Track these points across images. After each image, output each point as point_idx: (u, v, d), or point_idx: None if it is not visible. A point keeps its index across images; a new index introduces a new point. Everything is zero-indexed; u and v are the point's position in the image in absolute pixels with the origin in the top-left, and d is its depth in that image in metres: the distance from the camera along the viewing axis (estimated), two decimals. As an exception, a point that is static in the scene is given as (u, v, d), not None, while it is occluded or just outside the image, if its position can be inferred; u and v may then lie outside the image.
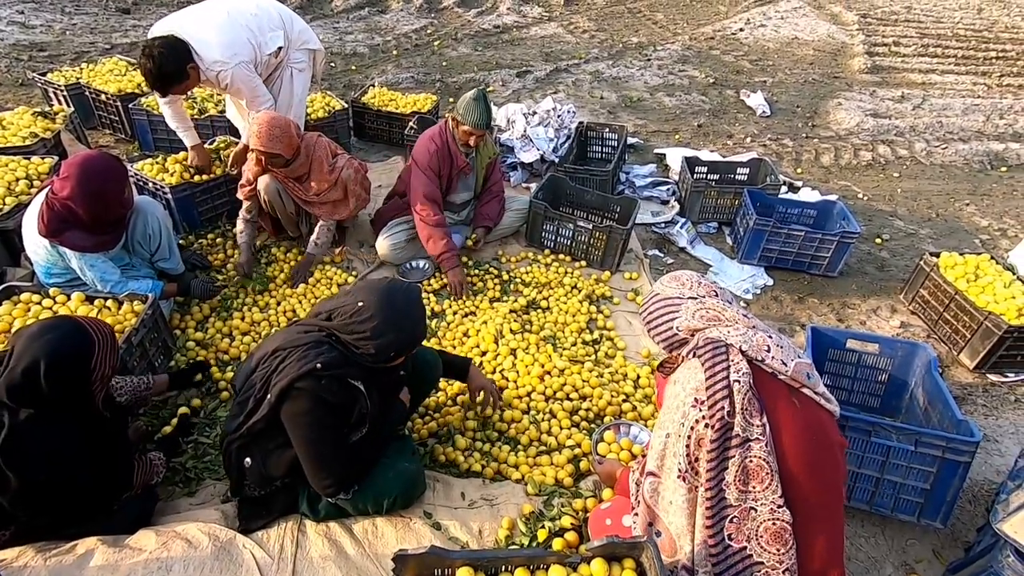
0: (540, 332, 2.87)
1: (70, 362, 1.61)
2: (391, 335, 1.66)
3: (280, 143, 2.82)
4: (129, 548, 1.64)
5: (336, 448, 1.67)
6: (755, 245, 3.62)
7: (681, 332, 1.57)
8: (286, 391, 1.59)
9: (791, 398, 1.44)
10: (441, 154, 3.17)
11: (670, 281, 1.66)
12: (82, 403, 1.68)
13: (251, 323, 2.82)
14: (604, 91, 6.35)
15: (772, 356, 1.45)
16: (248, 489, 1.81)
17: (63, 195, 2.24)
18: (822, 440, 1.43)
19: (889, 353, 2.27)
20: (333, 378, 1.61)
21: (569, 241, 3.49)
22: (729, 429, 1.38)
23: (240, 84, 3.01)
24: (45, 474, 1.59)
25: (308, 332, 1.68)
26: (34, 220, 2.34)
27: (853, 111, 6.28)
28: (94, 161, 2.28)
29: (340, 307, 1.68)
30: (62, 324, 1.66)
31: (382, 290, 1.68)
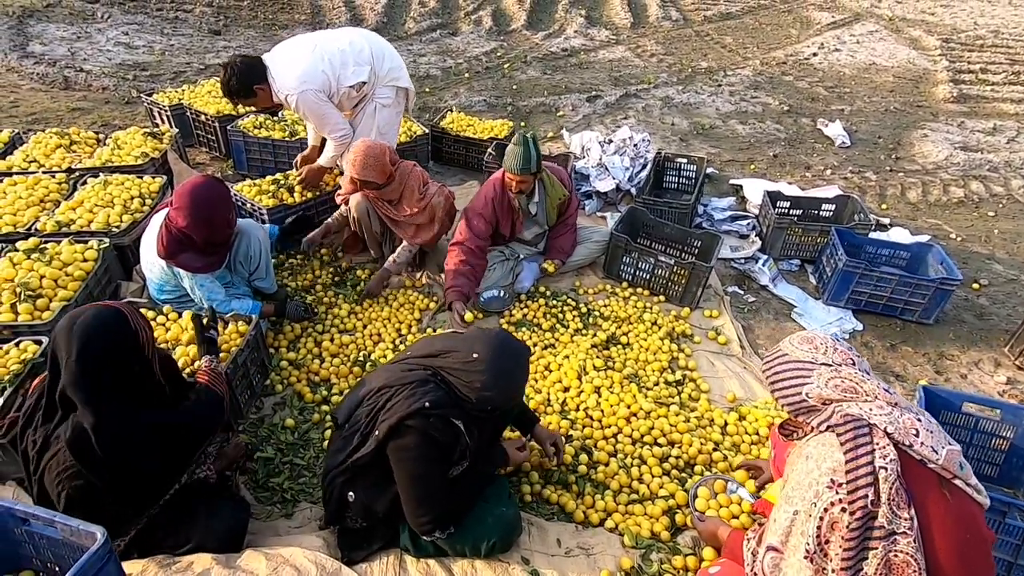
0: (623, 370, 2.83)
1: (116, 335, 1.60)
2: (496, 392, 1.68)
3: (373, 171, 2.95)
4: (241, 570, 1.70)
5: (437, 486, 1.70)
6: (843, 287, 3.48)
7: (811, 399, 1.50)
8: (395, 428, 1.63)
9: (942, 489, 1.35)
10: (498, 202, 3.21)
11: (801, 343, 1.59)
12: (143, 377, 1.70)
13: (340, 345, 2.90)
14: (675, 117, 6.28)
15: (921, 441, 1.36)
16: (350, 521, 1.84)
17: (179, 224, 2.40)
18: (974, 535, 1.33)
19: (1012, 420, 2.12)
20: (439, 417, 1.64)
21: (648, 275, 3.45)
22: (872, 519, 1.30)
23: (306, 109, 3.19)
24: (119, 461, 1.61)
25: (413, 371, 1.72)
26: (153, 241, 2.50)
27: (940, 143, 5.99)
28: (204, 188, 2.42)
29: (452, 351, 1.72)
30: (88, 309, 1.65)
31: (498, 346, 1.71)
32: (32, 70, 5.74)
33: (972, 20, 11.07)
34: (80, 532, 1.40)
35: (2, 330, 2.37)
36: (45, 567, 1.56)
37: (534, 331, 3.13)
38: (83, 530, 1.39)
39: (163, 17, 7.79)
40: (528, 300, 3.34)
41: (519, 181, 3.07)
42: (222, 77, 3.06)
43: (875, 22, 10.68)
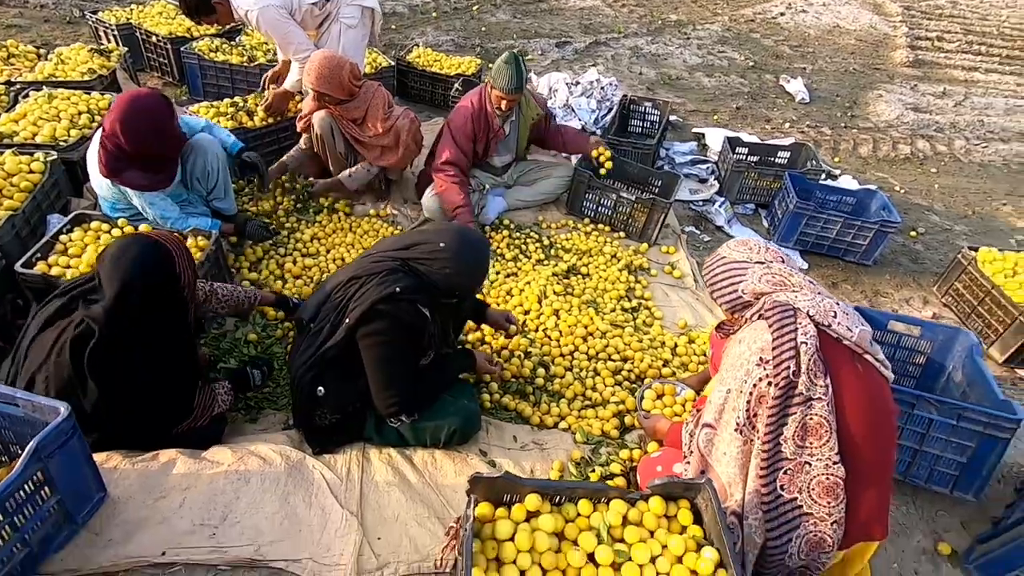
0: (582, 296, 2.94)
1: (157, 273, 1.67)
2: (463, 278, 1.79)
3: (330, 84, 2.90)
4: (207, 460, 1.75)
5: (405, 370, 1.78)
6: (792, 228, 3.65)
7: (746, 295, 1.62)
8: (366, 313, 1.69)
9: (854, 362, 1.50)
10: (477, 118, 3.21)
11: (737, 245, 1.71)
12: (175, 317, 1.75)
13: (303, 268, 2.90)
14: (643, 67, 6.30)
15: (838, 321, 1.51)
16: (319, 418, 1.89)
17: (113, 135, 2.27)
18: (880, 404, 1.50)
19: (930, 336, 2.33)
20: (409, 302, 1.71)
21: (610, 212, 3.54)
22: (793, 388, 1.45)
23: (268, 28, 3.08)
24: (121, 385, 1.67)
25: (381, 262, 1.77)
26: (95, 160, 2.41)
27: (894, 104, 6.21)
28: (140, 100, 2.29)
29: (420, 243, 1.79)
30: (136, 242, 1.70)
31: (463, 237, 1.79)
32: (-40, -18, 5.28)
33: (934, -12, 11.30)
34: (43, 408, 1.41)
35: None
36: (7, 448, 1.57)
37: (497, 260, 3.19)
38: (46, 405, 1.41)
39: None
40: (492, 232, 3.39)
41: (509, 100, 3.07)
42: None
43: (842, -14, 10.80)
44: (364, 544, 1.60)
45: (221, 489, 1.65)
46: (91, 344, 1.62)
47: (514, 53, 3.04)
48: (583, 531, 1.43)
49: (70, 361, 1.63)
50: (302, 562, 1.54)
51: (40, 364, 1.68)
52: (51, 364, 1.66)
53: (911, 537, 1.98)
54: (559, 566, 1.38)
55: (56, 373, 1.65)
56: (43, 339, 1.71)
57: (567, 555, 1.38)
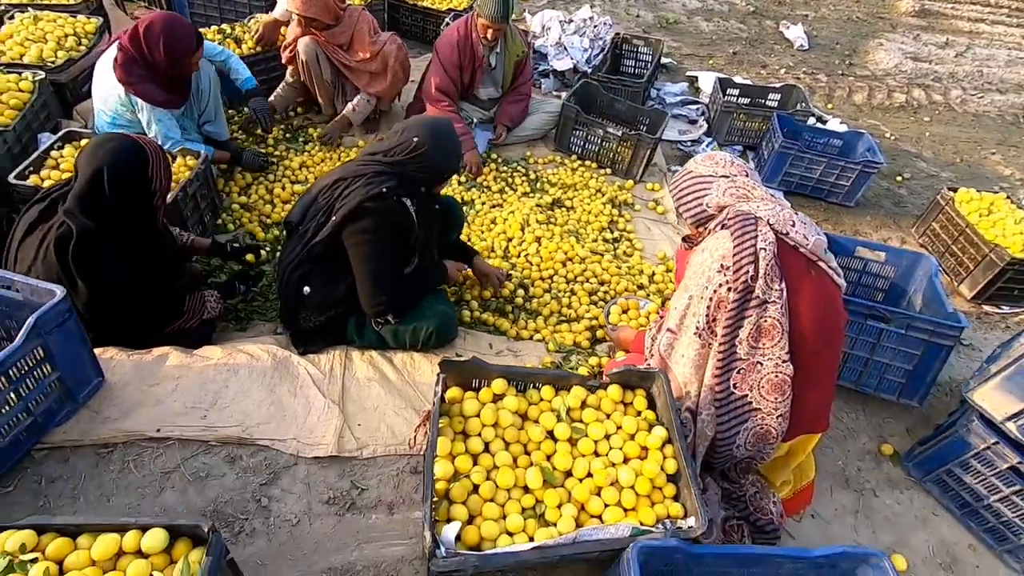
0: (564, 226, 3.01)
1: (129, 168, 1.73)
2: (443, 160, 1.90)
3: (314, 7, 2.89)
4: (198, 355, 1.86)
5: (392, 269, 1.88)
6: (777, 168, 3.69)
7: (710, 208, 1.69)
8: (354, 211, 1.77)
9: (808, 269, 1.59)
10: (463, 47, 3.20)
11: (704, 160, 1.77)
12: (144, 217, 1.82)
13: (291, 194, 2.96)
14: (640, 9, 6.17)
15: (796, 230, 1.59)
16: (304, 321, 2.00)
17: (143, 47, 2.38)
18: (831, 309, 1.59)
19: (894, 262, 2.42)
20: (396, 200, 1.79)
21: (597, 148, 3.57)
22: (750, 292, 1.53)
23: None
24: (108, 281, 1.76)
25: (367, 165, 1.84)
26: (109, 70, 2.45)
27: (894, 52, 6.13)
28: (177, 19, 2.48)
29: (396, 145, 1.87)
30: (116, 137, 1.78)
31: (430, 125, 1.91)
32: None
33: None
34: (40, 290, 1.51)
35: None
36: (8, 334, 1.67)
37: (483, 192, 3.25)
38: (42, 288, 1.50)
39: None
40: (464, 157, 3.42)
41: (495, 29, 3.07)
42: None
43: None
44: (345, 428, 1.72)
45: (211, 378, 1.77)
46: (73, 242, 1.69)
47: None
48: (544, 412, 1.55)
49: (56, 260, 1.71)
50: (287, 442, 1.67)
51: (28, 267, 1.75)
52: (39, 265, 1.73)
53: (858, 440, 2.12)
54: (520, 440, 1.50)
55: (45, 273, 1.72)
56: (28, 243, 1.78)
57: (528, 431, 1.51)
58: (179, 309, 1.98)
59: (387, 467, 1.68)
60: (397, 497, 1.62)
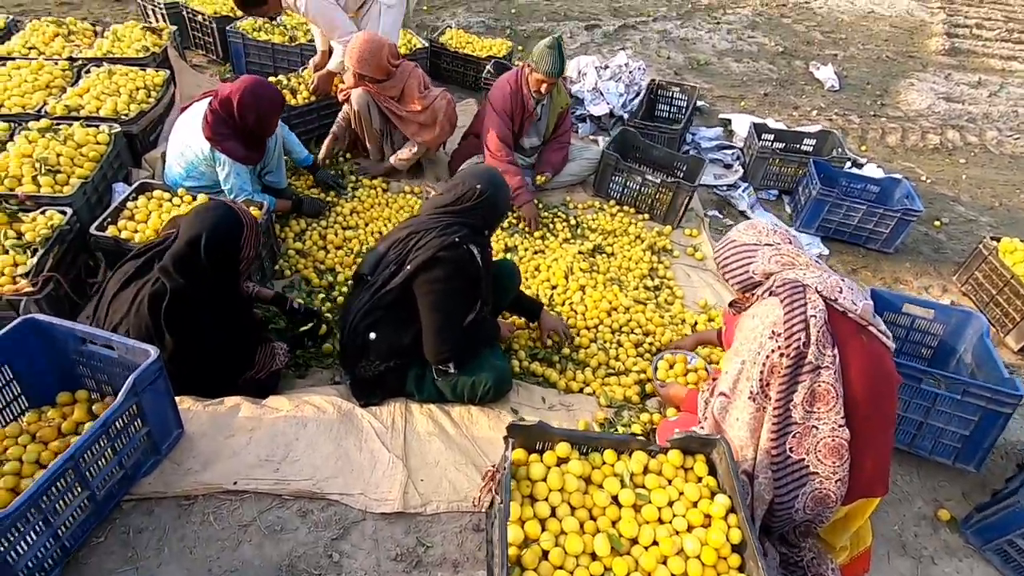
0: (606, 274, 3.08)
1: (225, 236, 1.87)
2: (503, 203, 2.08)
3: (369, 65, 3.07)
4: (268, 407, 1.95)
5: (458, 319, 1.97)
6: (815, 214, 3.73)
7: (756, 275, 1.74)
8: (428, 260, 1.87)
9: (859, 334, 1.63)
10: (514, 99, 3.34)
11: (747, 228, 1.83)
12: (230, 281, 1.95)
13: (343, 239, 3.08)
14: (671, 51, 6.31)
15: (844, 296, 1.63)
16: (363, 369, 2.08)
17: (233, 107, 2.59)
18: (883, 372, 1.62)
19: (943, 320, 2.43)
20: (467, 250, 1.91)
21: (635, 193, 3.65)
22: (803, 358, 1.57)
23: (315, 14, 3.23)
24: (190, 337, 1.88)
25: (436, 218, 1.96)
26: (195, 124, 2.65)
27: (926, 93, 6.16)
28: (266, 86, 2.70)
29: (461, 195, 2.00)
30: (220, 205, 1.93)
31: (485, 172, 2.07)
32: (14, -40, 5.50)
33: (975, -27, 10.97)
34: (135, 350, 1.61)
35: (25, 199, 2.49)
36: (99, 387, 1.78)
37: (525, 238, 3.34)
38: (138, 348, 1.61)
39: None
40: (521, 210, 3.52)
41: (549, 83, 3.21)
42: None
43: (880, -30, 10.55)
44: (409, 484, 1.78)
45: (282, 431, 1.85)
46: (166, 299, 1.83)
47: (556, 38, 3.15)
48: (608, 477, 1.59)
49: (148, 315, 1.83)
50: (355, 496, 1.73)
51: (121, 319, 1.88)
52: (131, 318, 1.86)
53: (913, 504, 2.11)
54: (586, 505, 1.54)
55: (136, 326, 1.85)
56: (122, 296, 1.92)
57: (593, 496, 1.55)
58: (250, 361, 2.08)
59: (450, 524, 1.73)
60: (461, 555, 1.66)
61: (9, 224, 2.34)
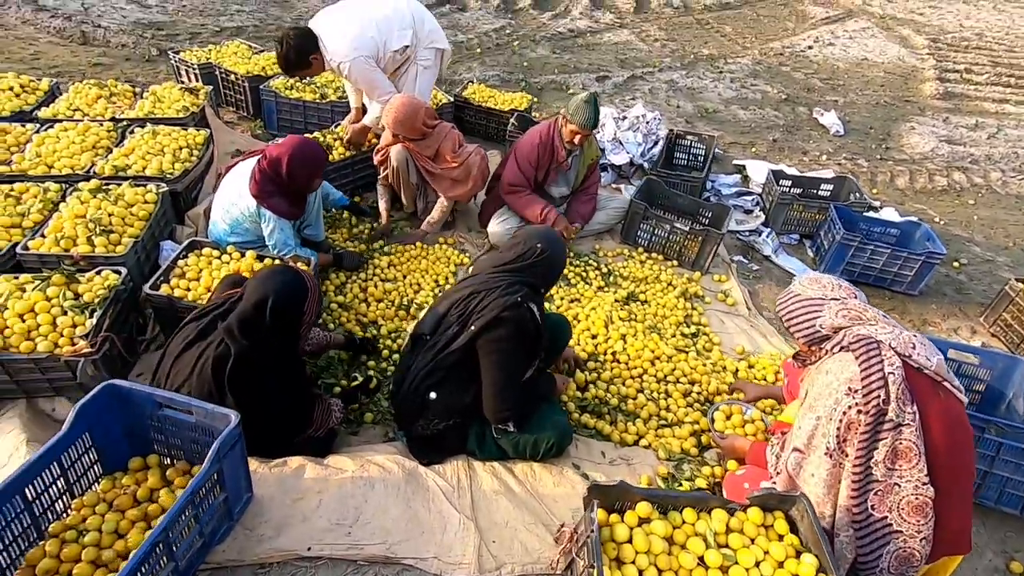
0: (644, 322, 3.11)
1: (290, 300, 1.90)
2: (560, 261, 2.13)
3: (405, 127, 3.18)
4: (333, 467, 1.94)
5: (518, 378, 1.98)
6: (839, 259, 3.79)
7: (824, 329, 1.77)
8: (491, 321, 1.89)
9: (936, 390, 1.64)
10: (543, 147, 3.47)
11: (811, 282, 1.87)
12: (290, 343, 1.97)
13: (383, 292, 3.12)
14: (680, 100, 6.54)
15: (918, 352, 1.66)
16: (422, 428, 2.07)
17: (280, 166, 2.68)
18: (960, 427, 1.63)
19: (989, 365, 2.45)
20: (528, 309, 1.93)
21: (664, 241, 3.72)
22: (883, 415, 1.59)
23: (358, 76, 3.36)
24: (254, 399, 1.88)
25: (497, 277, 2.00)
26: (241, 183, 2.74)
27: (927, 136, 6.36)
28: (313, 146, 2.80)
29: (523, 254, 2.04)
30: (286, 270, 1.96)
31: (544, 232, 2.12)
32: (48, 23, 5.73)
33: (958, 22, 11.50)
34: (214, 415, 1.62)
35: (80, 260, 2.53)
36: (169, 452, 1.77)
37: (560, 286, 3.38)
38: (217, 412, 1.61)
39: (172, -23, 7.73)
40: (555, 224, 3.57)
41: (583, 135, 3.34)
42: (278, 51, 3.19)
43: (867, 19, 11.04)
44: (482, 546, 1.76)
45: (351, 493, 1.83)
46: (231, 361, 1.83)
47: (593, 93, 3.32)
48: (690, 537, 1.58)
49: (212, 377, 1.84)
50: (428, 560, 1.71)
51: (183, 381, 1.88)
52: (193, 380, 1.86)
53: (983, 556, 2.08)
54: (672, 567, 1.53)
55: (198, 388, 1.85)
56: (185, 358, 1.92)
57: (679, 557, 1.53)
58: (309, 419, 2.08)
59: (526, 588, 1.70)
60: (541, 621, 1.63)
61: (66, 285, 2.37)
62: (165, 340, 2.64)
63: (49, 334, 2.21)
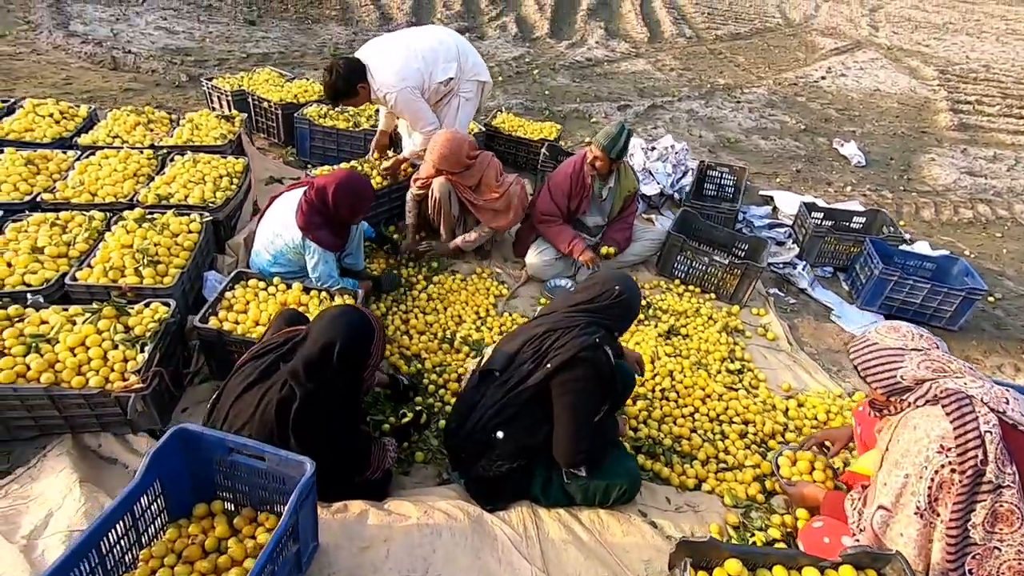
0: (689, 357, 3.06)
1: (359, 343, 1.87)
2: (637, 306, 2.10)
3: (448, 162, 3.19)
4: (396, 514, 1.87)
5: (592, 421, 1.92)
6: (877, 293, 3.76)
7: (906, 380, 1.71)
8: (569, 360, 1.84)
9: (1033, 448, 1.59)
10: (575, 177, 3.49)
11: (889, 331, 1.81)
12: (355, 385, 1.93)
13: (425, 324, 3.08)
14: (701, 130, 6.58)
15: (1012, 408, 1.60)
16: (484, 468, 2.01)
17: (328, 199, 2.69)
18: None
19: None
20: (604, 351, 1.88)
21: (701, 274, 3.69)
22: (980, 476, 1.53)
23: (403, 107, 3.37)
24: (318, 442, 1.83)
25: (574, 316, 1.96)
26: (287, 215, 2.73)
27: (948, 168, 6.39)
28: (360, 179, 2.83)
29: (600, 295, 2.00)
30: (351, 311, 1.93)
31: (623, 276, 2.09)
32: (80, 49, 5.80)
33: (964, 53, 11.68)
34: (288, 462, 1.56)
35: (128, 291, 2.50)
36: (234, 498, 1.71)
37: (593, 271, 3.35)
38: (292, 459, 1.56)
39: (197, 4, 7.87)
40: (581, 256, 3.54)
41: (598, 158, 3.36)
42: (326, 79, 3.19)
43: (875, 50, 11.22)
44: (557, 600, 1.69)
45: (418, 542, 1.77)
46: (296, 405, 1.78)
47: (624, 124, 3.33)
48: (783, 596, 1.51)
49: (275, 420, 1.78)
50: (504, 616, 1.64)
51: (244, 423, 1.82)
52: (255, 423, 1.80)
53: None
54: (769, 630, 1.46)
55: (260, 430, 1.79)
56: (246, 400, 1.85)
57: (775, 620, 1.47)
58: (367, 460, 2.02)
59: (606, 647, 1.63)
60: None
61: (117, 318, 2.33)
62: (210, 373, 2.61)
63: (100, 368, 2.17)
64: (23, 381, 2.09)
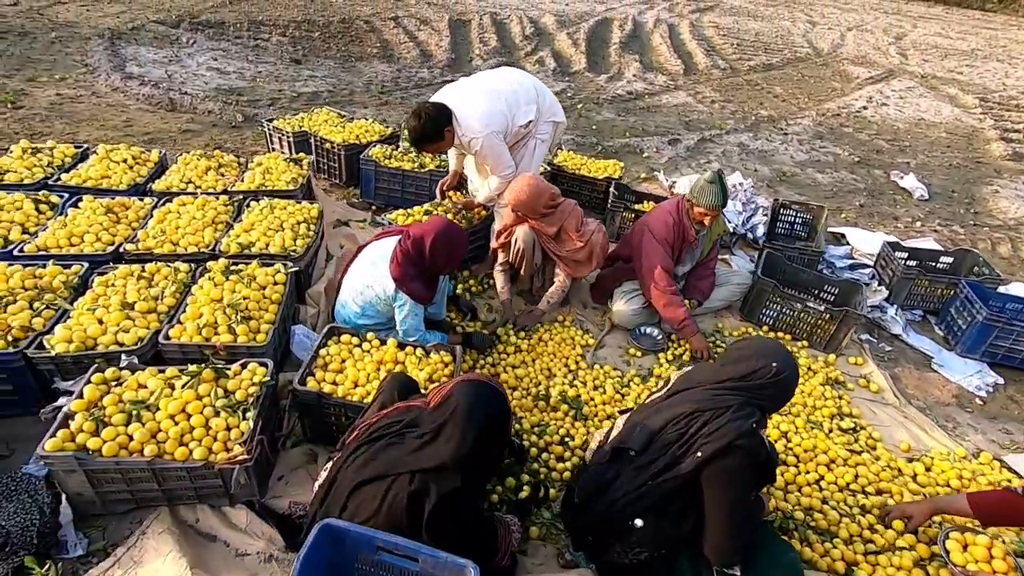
0: (799, 416, 2.86)
1: (502, 426, 1.71)
2: (794, 389, 1.87)
3: (527, 207, 3.09)
4: (538, 610, 1.69)
5: (748, 513, 1.72)
6: (980, 340, 3.54)
7: None
8: (724, 449, 1.65)
9: None
10: (676, 228, 3.31)
11: None
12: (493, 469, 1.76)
13: (515, 379, 2.92)
14: (755, 163, 6.45)
15: None
16: (619, 555, 1.83)
17: (425, 251, 2.59)
18: None
19: None
20: (761, 438, 1.69)
21: (792, 320, 3.50)
22: None
23: (487, 151, 3.27)
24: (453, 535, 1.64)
25: (725, 395, 1.76)
26: (378, 265, 2.63)
27: (1013, 199, 6.17)
28: (457, 229, 2.76)
29: (755, 371, 1.79)
30: (487, 389, 1.72)
31: (783, 351, 1.85)
32: (137, 91, 5.86)
33: (999, 80, 11.55)
34: (447, 565, 1.40)
35: (222, 350, 2.38)
36: (374, 599, 1.55)
37: (695, 371, 3.16)
38: (451, 562, 1.39)
39: (244, 44, 8.00)
40: (678, 339, 3.38)
41: (712, 216, 3.20)
42: (415, 123, 3.07)
43: (910, 78, 11.10)
44: None
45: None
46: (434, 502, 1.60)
47: (717, 172, 3.16)
48: None
49: (406, 515, 1.61)
50: None
51: (369, 516, 1.63)
52: (381, 516, 1.61)
53: None
54: None
55: (387, 523, 1.60)
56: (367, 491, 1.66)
57: None
58: (495, 546, 1.84)
59: None
60: None
61: (215, 381, 2.20)
62: (303, 435, 2.46)
63: (203, 438, 2.03)
64: (125, 453, 1.96)
